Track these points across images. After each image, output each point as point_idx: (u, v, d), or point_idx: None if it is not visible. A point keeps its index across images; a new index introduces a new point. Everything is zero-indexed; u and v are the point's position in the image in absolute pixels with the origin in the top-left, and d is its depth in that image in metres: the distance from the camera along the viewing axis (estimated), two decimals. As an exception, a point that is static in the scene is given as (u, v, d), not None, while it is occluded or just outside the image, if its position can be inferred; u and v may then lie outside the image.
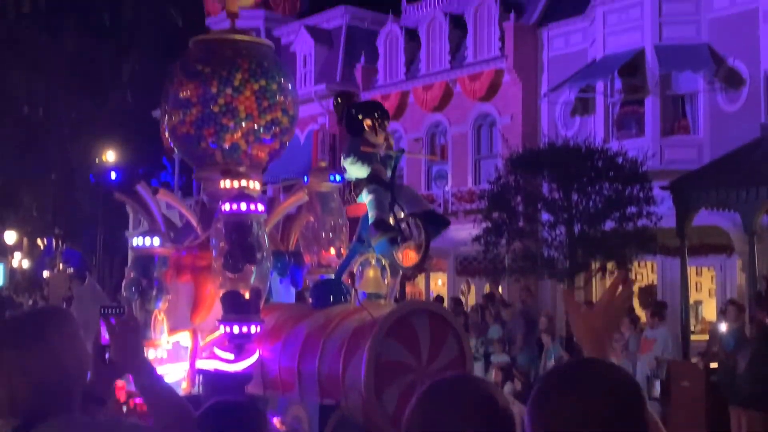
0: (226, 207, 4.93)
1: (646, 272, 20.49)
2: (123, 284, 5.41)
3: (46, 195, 32.66)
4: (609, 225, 15.67)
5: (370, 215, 4.98)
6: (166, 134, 6.01)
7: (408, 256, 5.06)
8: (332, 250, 5.40)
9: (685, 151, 19.05)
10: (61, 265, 31.96)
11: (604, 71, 19.99)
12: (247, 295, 4.81)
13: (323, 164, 5.77)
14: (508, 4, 23.67)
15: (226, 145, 5.75)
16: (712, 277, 19.53)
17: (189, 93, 5.71)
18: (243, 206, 4.91)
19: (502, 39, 22.97)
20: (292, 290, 5.80)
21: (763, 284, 14.06)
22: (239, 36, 5.97)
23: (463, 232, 17.76)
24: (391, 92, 25.63)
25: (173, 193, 5.93)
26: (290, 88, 6.02)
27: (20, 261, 36.36)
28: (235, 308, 4.78)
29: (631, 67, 19.65)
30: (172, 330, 5.36)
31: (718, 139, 18.48)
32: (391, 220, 5.12)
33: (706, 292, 19.81)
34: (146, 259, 5.34)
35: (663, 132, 19.37)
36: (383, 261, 5.04)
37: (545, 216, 16.99)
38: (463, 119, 24.08)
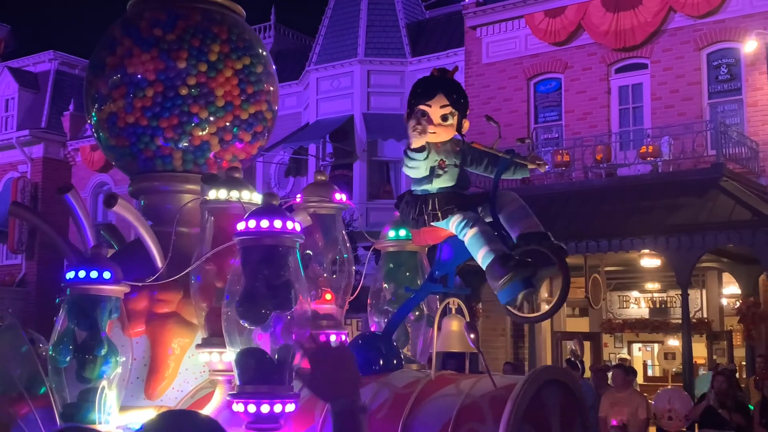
0: (252, 224, 3.07)
1: (351, 328, 21.28)
2: (50, 340, 3.35)
3: None
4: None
5: (479, 253, 3.33)
6: (93, 127, 4.22)
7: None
8: (329, 296, 3.84)
9: (389, 214, 20.19)
10: None
11: (317, 135, 20.79)
12: (275, 357, 3.06)
13: (323, 177, 4.01)
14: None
15: (191, 144, 4.00)
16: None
17: (143, 67, 3.93)
18: (278, 224, 3.05)
19: (218, 97, 23.19)
20: None
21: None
22: None
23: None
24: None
25: (133, 207, 3.79)
26: (274, 73, 4.34)
27: None
28: (261, 376, 3.02)
29: (342, 132, 20.64)
30: (123, 408, 3.41)
31: (417, 204, 19.85)
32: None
33: (406, 349, 20.95)
34: (89, 302, 3.28)
35: (369, 196, 20.44)
36: (464, 309, 3.56)
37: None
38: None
